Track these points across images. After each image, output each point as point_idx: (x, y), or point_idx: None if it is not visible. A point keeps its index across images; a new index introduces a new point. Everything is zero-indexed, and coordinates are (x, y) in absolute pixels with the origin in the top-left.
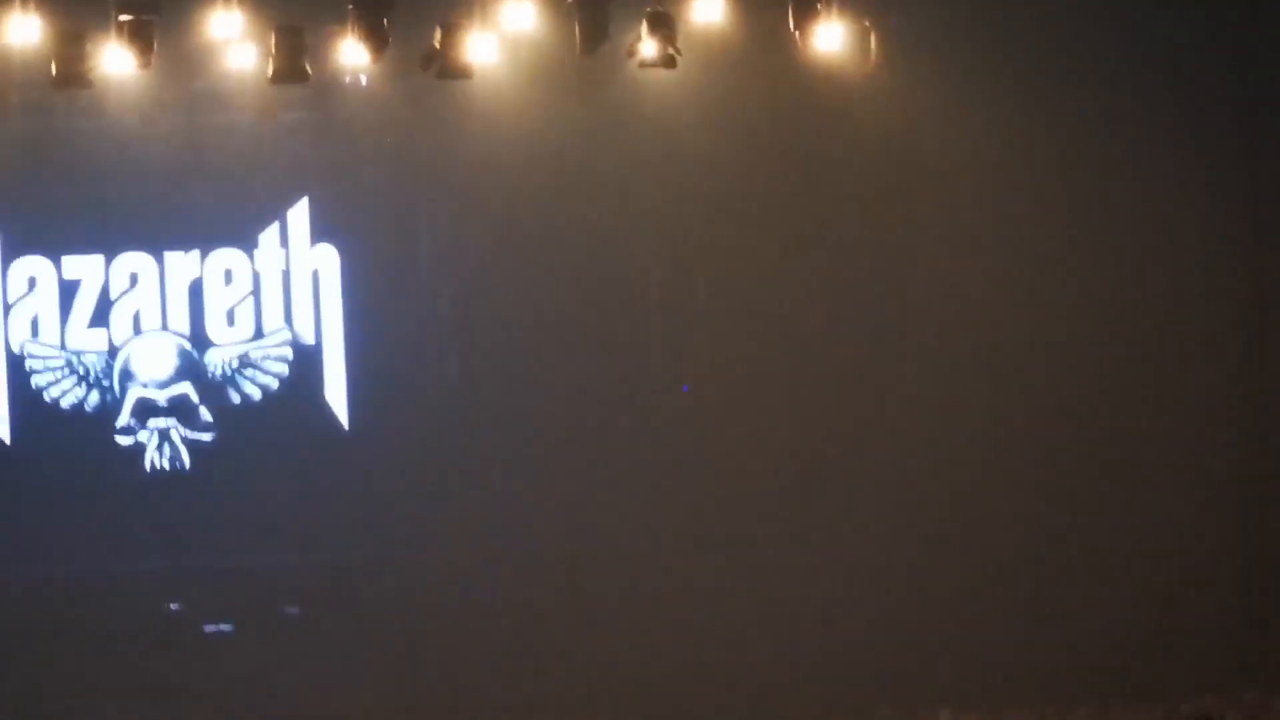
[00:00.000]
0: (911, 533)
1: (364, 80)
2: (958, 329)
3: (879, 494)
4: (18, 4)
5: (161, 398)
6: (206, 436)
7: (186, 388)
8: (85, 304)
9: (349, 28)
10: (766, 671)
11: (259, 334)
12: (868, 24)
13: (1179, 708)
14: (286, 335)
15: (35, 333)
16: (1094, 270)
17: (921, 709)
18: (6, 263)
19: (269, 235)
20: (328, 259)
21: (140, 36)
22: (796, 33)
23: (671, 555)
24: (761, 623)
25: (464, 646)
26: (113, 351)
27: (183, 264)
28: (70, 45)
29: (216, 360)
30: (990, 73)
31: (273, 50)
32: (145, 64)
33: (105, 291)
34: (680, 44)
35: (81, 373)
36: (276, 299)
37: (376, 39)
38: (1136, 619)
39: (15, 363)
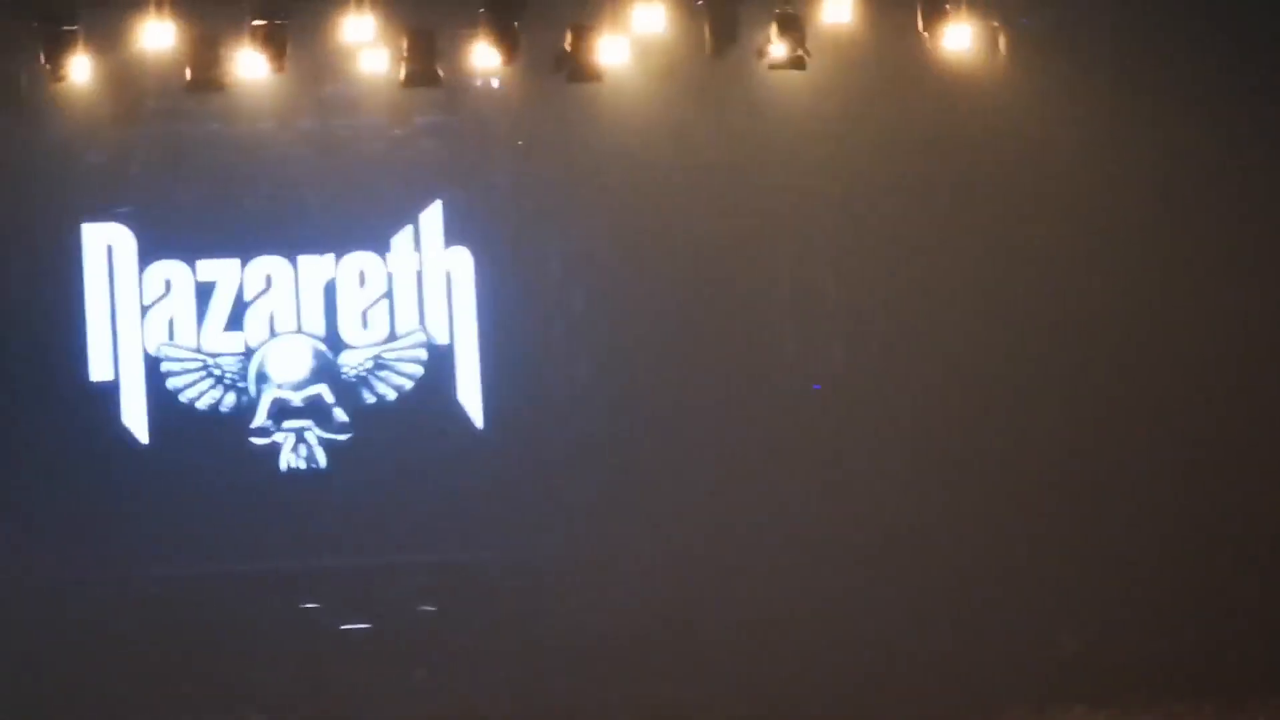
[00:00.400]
0: (1045, 532)
1: (495, 83)
2: (1086, 327)
3: (1010, 493)
4: (153, 10)
5: (297, 399)
6: (341, 437)
7: (321, 389)
8: (221, 307)
9: (480, 31)
10: (897, 669)
11: (393, 335)
12: (996, 25)
13: None
14: (420, 337)
15: (171, 335)
16: (1221, 271)
17: (1053, 707)
18: (143, 266)
19: (402, 238)
20: (461, 261)
21: (273, 41)
22: (925, 34)
23: (803, 554)
24: (892, 621)
25: (596, 646)
26: (248, 353)
27: (317, 267)
28: (204, 50)
29: (351, 362)
30: (1119, 72)
31: (405, 54)
32: (279, 68)
33: (240, 294)
34: (810, 45)
35: (217, 374)
36: (410, 301)
37: (507, 42)
38: (1267, 615)
39: (152, 364)
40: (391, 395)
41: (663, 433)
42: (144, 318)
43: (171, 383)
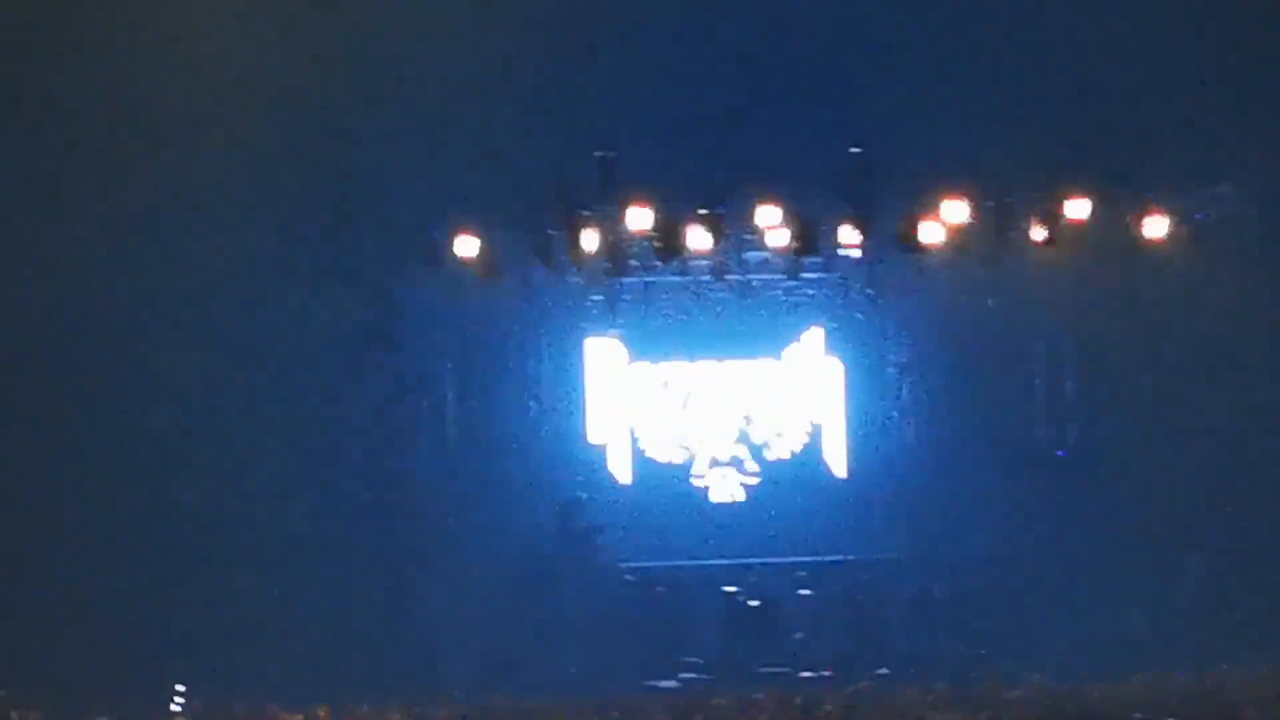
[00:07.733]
0: None
1: (856, 253)
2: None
3: None
4: (634, 204)
5: (724, 455)
6: (752, 480)
7: (739, 449)
8: (676, 393)
9: (844, 219)
10: None
11: (785, 414)
12: (1178, 221)
13: None
14: (805, 416)
15: (642, 411)
16: None
17: None
18: (626, 365)
19: (791, 350)
20: (832, 366)
21: (712, 224)
22: (1130, 224)
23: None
24: None
25: (917, 614)
26: (692, 424)
27: (736, 367)
28: (667, 230)
29: (759, 430)
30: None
31: (797, 234)
32: (716, 241)
33: (687, 385)
34: (1057, 231)
35: (672, 438)
36: (797, 391)
37: (862, 226)
38: None
39: (630, 431)
40: (785, 454)
41: (959, 479)
42: (625, 400)
43: (642, 443)
